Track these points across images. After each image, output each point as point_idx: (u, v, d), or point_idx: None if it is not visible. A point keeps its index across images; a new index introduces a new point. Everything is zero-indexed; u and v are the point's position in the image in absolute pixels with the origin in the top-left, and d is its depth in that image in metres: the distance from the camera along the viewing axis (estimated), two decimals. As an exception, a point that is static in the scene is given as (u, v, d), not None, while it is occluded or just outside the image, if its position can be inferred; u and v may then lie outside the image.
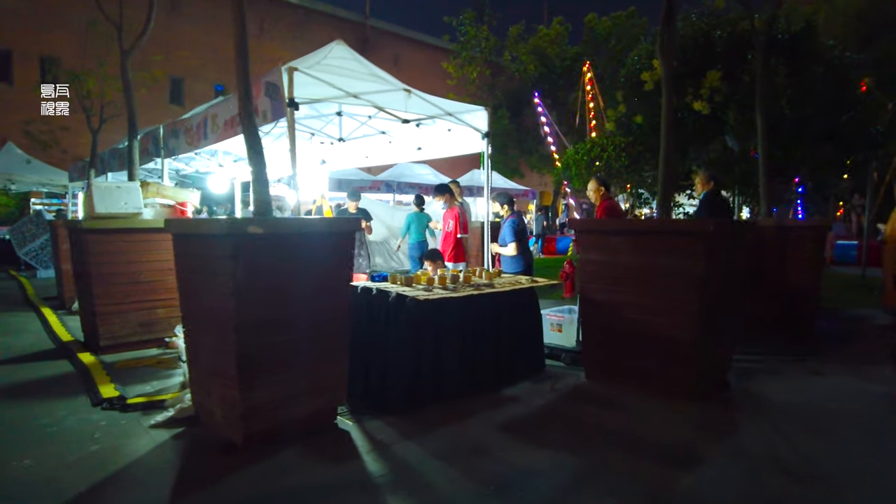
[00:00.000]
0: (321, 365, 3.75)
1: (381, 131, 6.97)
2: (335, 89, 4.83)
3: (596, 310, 4.86)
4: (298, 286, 3.59)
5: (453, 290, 4.37)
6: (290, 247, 3.53)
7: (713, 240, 4.20)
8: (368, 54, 21.35)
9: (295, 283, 3.56)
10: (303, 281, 3.60)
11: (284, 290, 3.52)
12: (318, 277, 3.68)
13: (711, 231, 4.11)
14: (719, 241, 4.33)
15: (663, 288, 4.37)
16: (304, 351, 3.65)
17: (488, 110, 6.18)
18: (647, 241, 4.49)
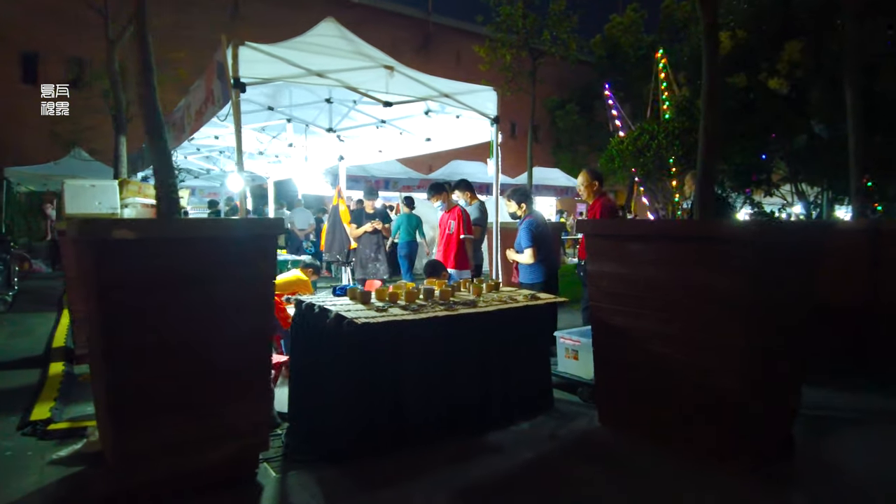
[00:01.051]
0: (232, 402, 2.99)
1: (380, 120, 6.17)
2: (294, 67, 4.09)
3: (611, 338, 3.80)
4: (195, 305, 2.84)
5: (415, 310, 3.47)
6: (180, 255, 2.79)
7: (760, 250, 3.05)
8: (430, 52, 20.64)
9: (190, 302, 2.82)
10: (201, 298, 2.85)
11: (174, 309, 2.79)
12: (224, 294, 2.92)
13: (756, 238, 2.96)
14: (771, 251, 3.16)
15: (696, 314, 3.27)
16: (206, 385, 2.90)
17: (498, 91, 5.22)
18: (673, 249, 3.39)
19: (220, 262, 2.91)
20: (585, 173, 5.16)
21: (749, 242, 3.01)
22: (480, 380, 3.76)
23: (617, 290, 3.74)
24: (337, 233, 8.01)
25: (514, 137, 28.41)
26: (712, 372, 3.22)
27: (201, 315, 2.86)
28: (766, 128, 7.92)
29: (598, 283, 3.86)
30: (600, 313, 3.86)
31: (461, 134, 5.92)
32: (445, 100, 4.89)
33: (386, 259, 7.84)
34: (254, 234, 3.04)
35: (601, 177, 5.16)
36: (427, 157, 24.60)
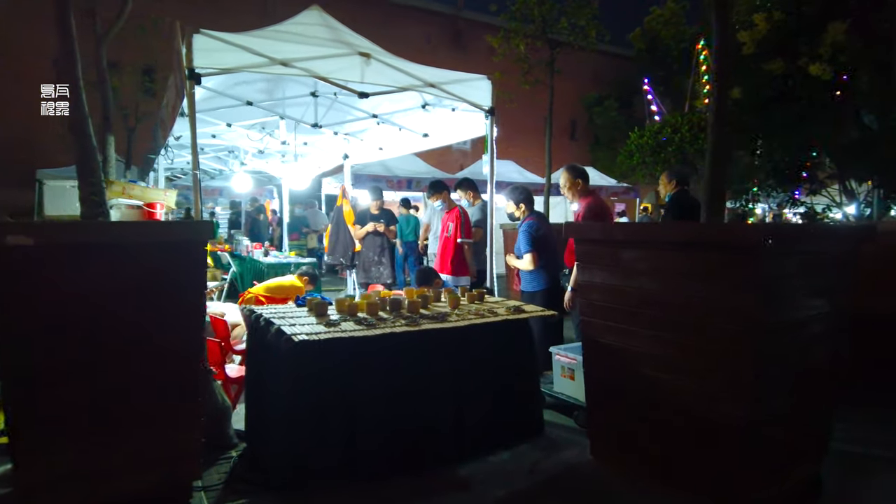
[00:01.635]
0: (152, 427, 2.66)
1: (372, 115, 5.79)
2: (256, 56, 3.76)
3: (602, 358, 3.31)
4: (108, 318, 2.52)
5: (371, 325, 3.07)
6: (90, 263, 2.47)
7: (773, 258, 2.51)
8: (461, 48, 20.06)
9: (101, 314, 2.50)
10: (115, 311, 2.53)
11: (82, 322, 2.47)
12: (142, 307, 2.59)
13: (767, 243, 2.42)
14: (789, 258, 2.62)
15: (697, 333, 2.75)
16: (121, 408, 2.58)
17: (493, 80, 4.76)
18: (669, 257, 2.87)
19: (136, 271, 2.58)
20: (565, 171, 4.66)
21: (758, 249, 2.47)
22: (451, 404, 3.32)
23: (608, 304, 3.24)
24: (340, 234, 7.68)
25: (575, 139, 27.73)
26: (717, 400, 2.69)
27: (114, 330, 2.54)
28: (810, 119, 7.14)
29: (589, 295, 3.37)
30: (590, 330, 3.37)
31: (459, 128, 5.49)
32: (431, 90, 4.47)
33: (390, 263, 7.47)
34: (178, 239, 2.70)
35: (584, 174, 4.65)
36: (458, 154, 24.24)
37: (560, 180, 4.70)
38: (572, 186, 4.53)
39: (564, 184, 4.58)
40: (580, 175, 4.56)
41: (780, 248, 2.55)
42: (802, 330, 2.80)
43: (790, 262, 2.67)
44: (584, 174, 4.60)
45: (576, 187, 4.52)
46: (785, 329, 2.67)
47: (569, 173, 4.57)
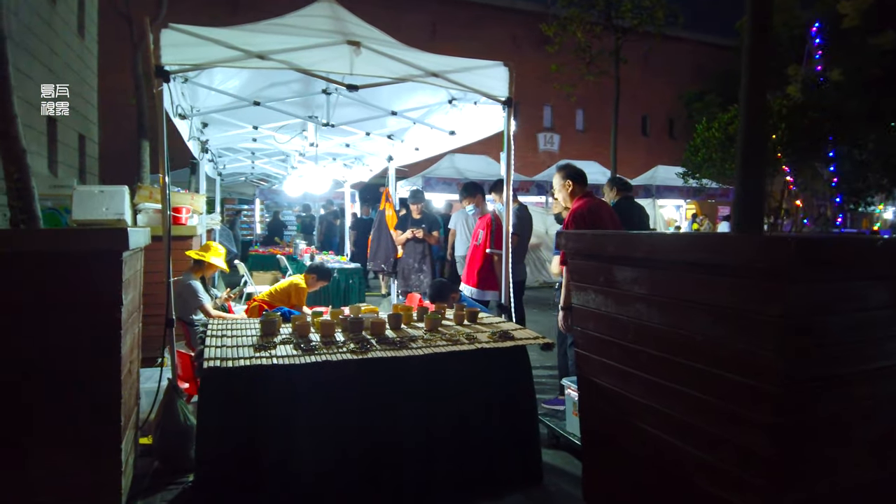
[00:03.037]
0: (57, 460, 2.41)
1: (389, 112, 5.33)
2: (229, 49, 3.46)
3: (596, 404, 2.62)
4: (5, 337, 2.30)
5: (305, 352, 2.61)
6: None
7: (811, 287, 1.73)
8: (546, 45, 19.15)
9: None
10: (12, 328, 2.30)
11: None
12: (44, 324, 2.34)
13: (797, 265, 1.65)
14: (841, 287, 1.80)
15: (706, 388, 2.00)
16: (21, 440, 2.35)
17: (510, 67, 4.13)
18: (674, 282, 2.13)
19: (38, 284, 2.33)
20: (557, 173, 3.98)
21: (787, 272, 1.70)
22: (415, 447, 2.78)
23: (603, 336, 2.54)
24: (382, 240, 7.36)
25: (647, 134, 25.88)
26: (730, 483, 1.93)
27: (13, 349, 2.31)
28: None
29: (583, 322, 2.68)
30: (585, 366, 2.68)
31: (485, 123, 4.90)
32: (434, 80, 3.94)
33: (431, 270, 7.00)
34: (87, 249, 2.42)
35: (579, 175, 3.90)
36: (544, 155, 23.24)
37: (554, 182, 4.03)
38: (564, 187, 3.85)
39: (557, 187, 3.93)
40: (572, 176, 3.86)
41: (825, 271, 1.75)
42: (868, 389, 1.95)
43: (846, 291, 1.86)
44: (578, 175, 3.89)
45: (567, 188, 3.83)
46: (835, 388, 1.86)
47: (560, 176, 3.90)
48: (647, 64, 24.07)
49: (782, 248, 1.69)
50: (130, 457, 2.97)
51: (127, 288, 2.69)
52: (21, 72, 11.23)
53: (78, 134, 14.43)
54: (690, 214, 18.57)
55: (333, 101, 5.25)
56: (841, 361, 1.83)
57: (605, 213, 3.74)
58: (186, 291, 4.62)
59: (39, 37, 12.11)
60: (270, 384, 2.58)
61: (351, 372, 2.63)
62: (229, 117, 5.53)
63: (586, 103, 22.30)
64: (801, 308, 1.75)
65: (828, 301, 1.79)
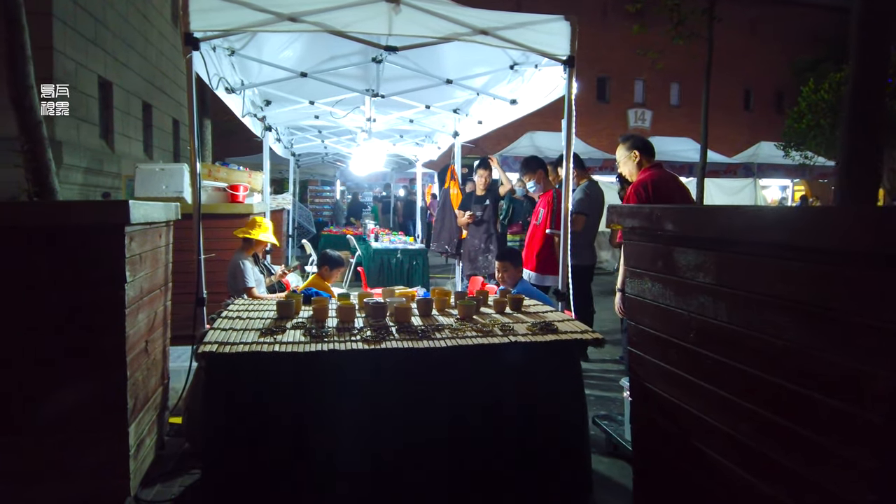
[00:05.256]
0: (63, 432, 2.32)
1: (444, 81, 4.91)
2: (257, 12, 3.23)
3: (649, 415, 2.15)
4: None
5: (313, 339, 2.34)
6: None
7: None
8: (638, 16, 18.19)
9: None
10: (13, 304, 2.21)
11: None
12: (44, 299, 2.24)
13: None
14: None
15: (797, 413, 1.50)
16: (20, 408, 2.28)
17: (572, 21, 3.60)
18: (751, 270, 1.63)
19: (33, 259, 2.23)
20: (621, 145, 3.45)
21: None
22: (442, 454, 2.45)
23: (660, 334, 2.06)
24: (446, 220, 7.02)
25: (750, 109, 23.60)
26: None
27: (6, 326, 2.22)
28: None
29: (637, 315, 2.21)
30: (638, 368, 2.21)
31: (548, 89, 4.39)
32: (484, 38, 3.51)
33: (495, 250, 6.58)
34: (85, 223, 2.28)
35: (646, 145, 3.32)
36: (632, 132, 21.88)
37: (618, 151, 3.48)
38: (631, 158, 3.32)
39: (620, 158, 3.40)
40: (637, 146, 3.31)
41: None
42: None
43: None
44: (646, 145, 3.33)
45: (633, 159, 3.28)
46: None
47: (623, 144, 3.36)
48: (753, 31, 21.82)
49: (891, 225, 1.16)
50: (150, 437, 2.88)
51: (137, 264, 2.56)
52: (118, 61, 11.96)
53: (172, 119, 15.28)
54: (799, 196, 16.69)
55: (385, 71, 4.95)
56: None
57: (675, 187, 3.19)
58: (236, 270, 4.56)
59: (135, 27, 12.83)
60: (278, 373, 2.34)
61: (365, 363, 2.34)
62: (283, 91, 5.40)
63: (682, 76, 20.61)
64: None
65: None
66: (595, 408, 3.94)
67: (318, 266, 4.55)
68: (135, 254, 2.52)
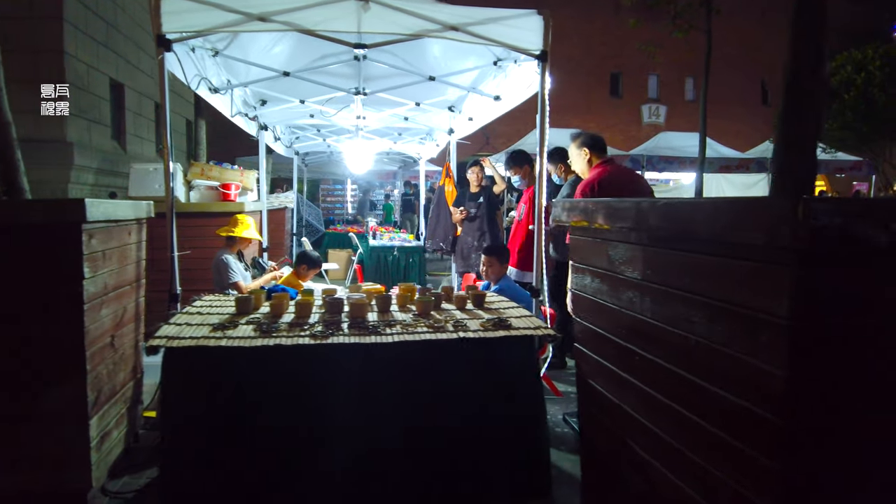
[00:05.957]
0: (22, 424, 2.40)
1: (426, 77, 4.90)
2: (227, 12, 3.26)
3: (592, 411, 2.14)
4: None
5: (263, 334, 2.37)
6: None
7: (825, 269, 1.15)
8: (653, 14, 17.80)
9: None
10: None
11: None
12: None
13: (803, 235, 1.10)
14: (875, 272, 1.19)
15: (703, 410, 1.48)
16: None
17: (545, 15, 3.57)
18: (664, 262, 1.61)
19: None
20: (572, 143, 3.38)
21: (793, 254, 1.15)
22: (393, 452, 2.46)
23: (598, 330, 2.05)
24: (441, 217, 7.03)
25: (767, 103, 23.09)
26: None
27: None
28: None
29: (580, 311, 2.19)
30: (582, 363, 2.20)
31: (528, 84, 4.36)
32: (455, 34, 3.51)
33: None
34: (40, 221, 2.34)
35: (597, 142, 3.25)
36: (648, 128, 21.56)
37: (570, 149, 3.45)
38: (579, 158, 3.28)
39: (574, 156, 3.35)
40: (588, 144, 3.26)
41: (867, 251, 1.17)
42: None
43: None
44: (596, 142, 3.28)
45: (583, 159, 3.25)
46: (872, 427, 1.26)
47: (574, 142, 3.32)
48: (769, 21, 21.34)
49: (783, 216, 1.13)
50: (118, 430, 2.94)
51: (99, 260, 2.61)
52: (130, 63, 12.20)
53: (185, 119, 15.52)
54: (818, 192, 16.31)
55: (372, 69, 4.98)
56: (884, 388, 1.23)
57: (626, 182, 3.14)
58: (220, 266, 4.63)
59: (146, 29, 13.05)
60: (230, 368, 2.38)
61: (312, 358, 2.36)
62: (274, 91, 5.46)
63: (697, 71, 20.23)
64: (823, 305, 1.18)
65: (870, 296, 1.19)
66: (573, 406, 3.92)
67: (296, 264, 4.59)
68: (96, 251, 2.57)
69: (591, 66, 20.27)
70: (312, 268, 4.47)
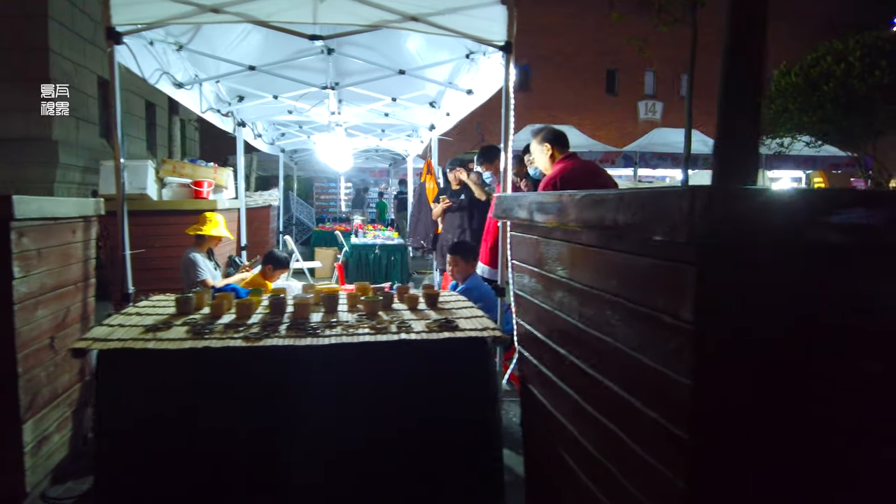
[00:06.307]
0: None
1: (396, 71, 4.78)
2: (183, 4, 3.15)
3: (531, 417, 2.05)
4: None
5: (193, 336, 2.28)
6: None
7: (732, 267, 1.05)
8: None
9: None
10: None
11: None
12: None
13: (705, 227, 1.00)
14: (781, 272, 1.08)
15: (624, 417, 1.37)
16: None
17: (509, 5, 3.46)
18: (583, 259, 1.51)
19: None
20: (533, 138, 3.26)
21: (693, 249, 1.05)
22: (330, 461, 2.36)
23: (535, 331, 1.95)
24: (422, 214, 6.93)
25: (767, 97, 22.86)
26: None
27: None
28: None
29: (520, 312, 2.09)
30: (524, 367, 2.10)
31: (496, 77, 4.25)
32: (415, 24, 3.40)
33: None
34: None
35: (557, 137, 3.14)
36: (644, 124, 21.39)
37: (532, 145, 3.33)
38: (541, 154, 3.16)
39: (536, 152, 3.24)
40: (549, 139, 3.14)
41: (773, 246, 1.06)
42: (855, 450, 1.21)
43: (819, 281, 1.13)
44: (557, 137, 3.16)
45: (545, 155, 3.13)
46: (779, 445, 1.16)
47: (535, 138, 3.20)
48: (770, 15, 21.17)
49: (680, 208, 1.03)
50: (61, 434, 2.85)
51: (33, 259, 2.52)
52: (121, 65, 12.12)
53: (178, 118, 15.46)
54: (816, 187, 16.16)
55: (345, 63, 4.87)
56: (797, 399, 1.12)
57: (589, 177, 3.03)
58: (188, 265, 4.54)
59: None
60: (168, 371, 2.28)
61: (243, 360, 2.26)
62: (248, 86, 5.36)
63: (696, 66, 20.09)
64: (727, 308, 1.07)
65: (774, 297, 1.08)
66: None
67: (263, 264, 4.49)
68: (28, 249, 2.48)
69: (586, 62, 20.10)
70: (279, 268, 4.37)
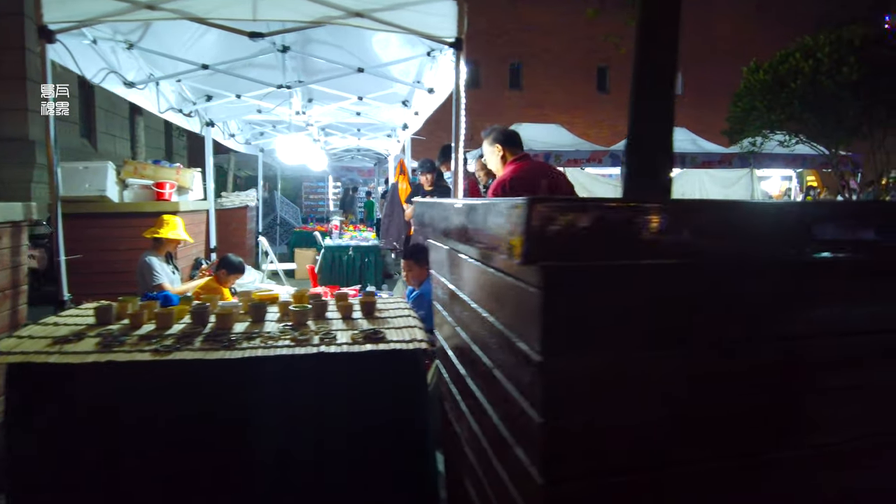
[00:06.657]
0: None
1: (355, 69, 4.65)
2: (116, 1, 3.03)
3: (446, 436, 1.93)
4: None
5: (103, 349, 2.16)
6: None
7: (584, 299, 0.93)
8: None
9: None
10: None
11: None
12: None
13: (529, 238, 0.88)
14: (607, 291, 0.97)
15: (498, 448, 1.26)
16: None
17: (458, 1, 3.34)
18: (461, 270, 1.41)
19: None
20: (485, 140, 3.13)
21: (544, 269, 0.93)
22: (253, 477, 2.25)
23: (445, 346, 1.84)
24: (395, 215, 6.82)
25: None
26: None
27: None
28: None
29: (436, 322, 1.98)
30: (442, 385, 1.99)
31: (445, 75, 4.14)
32: (359, 20, 3.28)
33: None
34: None
35: (510, 137, 3.02)
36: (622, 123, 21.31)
37: (484, 145, 3.20)
38: (493, 156, 3.05)
39: (485, 154, 3.12)
40: (500, 139, 3.02)
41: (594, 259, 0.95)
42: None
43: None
44: (508, 137, 3.04)
45: (496, 156, 3.01)
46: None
47: (487, 139, 3.09)
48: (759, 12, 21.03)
49: (515, 224, 0.91)
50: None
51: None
52: (99, 59, 11.98)
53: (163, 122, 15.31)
54: (806, 186, 16.03)
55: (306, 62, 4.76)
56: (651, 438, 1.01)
57: (541, 178, 2.91)
58: (144, 269, 4.42)
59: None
60: (71, 387, 2.17)
61: (153, 375, 2.15)
62: (210, 86, 5.24)
63: (686, 64, 19.95)
64: (579, 336, 0.96)
65: (603, 318, 0.97)
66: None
67: (216, 269, 4.37)
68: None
69: (576, 60, 19.98)
70: (233, 273, 4.25)
